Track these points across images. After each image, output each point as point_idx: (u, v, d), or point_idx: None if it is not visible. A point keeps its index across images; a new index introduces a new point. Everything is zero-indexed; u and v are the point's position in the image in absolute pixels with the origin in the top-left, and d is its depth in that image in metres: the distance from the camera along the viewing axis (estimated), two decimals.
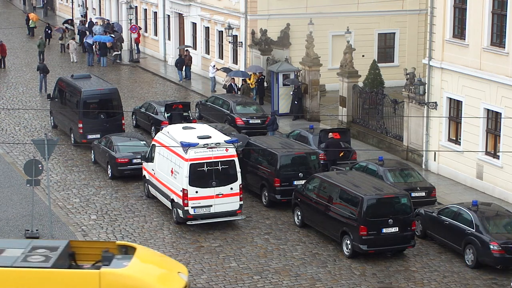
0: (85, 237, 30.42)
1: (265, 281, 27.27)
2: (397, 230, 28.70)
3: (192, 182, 30.91)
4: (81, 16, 77.43)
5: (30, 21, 74.20)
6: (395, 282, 27.36)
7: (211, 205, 31.22)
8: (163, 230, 31.38)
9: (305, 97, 46.71)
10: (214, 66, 53.69)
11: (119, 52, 63.32)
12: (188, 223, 31.26)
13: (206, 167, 31.05)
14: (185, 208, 30.98)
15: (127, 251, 21.90)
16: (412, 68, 41.29)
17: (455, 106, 37.03)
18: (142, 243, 29.97)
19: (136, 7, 67.59)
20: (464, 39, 36.07)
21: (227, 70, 51.77)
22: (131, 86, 55.53)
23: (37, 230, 30.27)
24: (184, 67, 56.63)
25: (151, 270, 21.20)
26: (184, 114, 41.76)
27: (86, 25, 70.25)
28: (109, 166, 37.08)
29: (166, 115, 41.62)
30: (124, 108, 43.56)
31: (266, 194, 33.97)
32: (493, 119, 34.79)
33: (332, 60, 51.90)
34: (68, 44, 64.61)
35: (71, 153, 40.82)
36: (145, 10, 66.62)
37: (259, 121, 43.70)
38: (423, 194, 32.94)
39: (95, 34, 64.53)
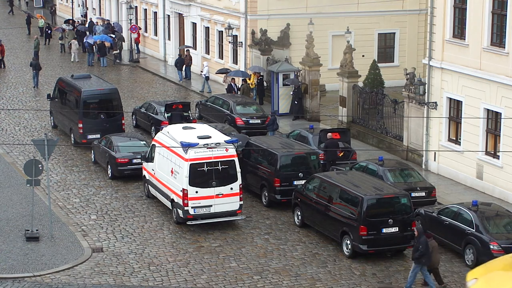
0: (85, 237, 30.44)
1: (265, 281, 27.26)
2: (397, 230, 28.68)
3: (192, 182, 30.89)
4: (81, 16, 77.50)
5: (39, 20, 74.33)
6: (395, 282, 27.37)
7: (211, 205, 31.21)
8: (163, 230, 31.36)
9: (305, 97, 46.71)
10: (206, 65, 53.75)
11: (118, 51, 63.33)
12: (188, 223, 31.25)
13: (206, 167, 31.04)
14: (185, 208, 30.97)
15: None
16: (412, 68, 41.28)
17: (455, 106, 37.02)
18: (142, 243, 30.02)
19: (136, 7, 67.60)
20: (464, 39, 36.06)
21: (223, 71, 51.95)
22: (131, 86, 55.53)
23: (37, 230, 30.26)
24: (184, 67, 56.64)
25: None
26: (184, 114, 41.76)
27: (86, 25, 70.33)
28: (109, 166, 37.07)
29: (166, 115, 41.62)
30: (124, 108, 43.55)
31: (266, 194, 33.96)
32: (493, 119, 34.78)
33: (332, 60, 51.89)
34: (70, 44, 64.74)
35: (71, 153, 40.81)
36: (145, 10, 66.63)
37: (259, 121, 43.69)
38: (423, 194, 32.93)
39: (95, 34, 64.57)
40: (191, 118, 42.51)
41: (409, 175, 33.65)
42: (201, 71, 54.27)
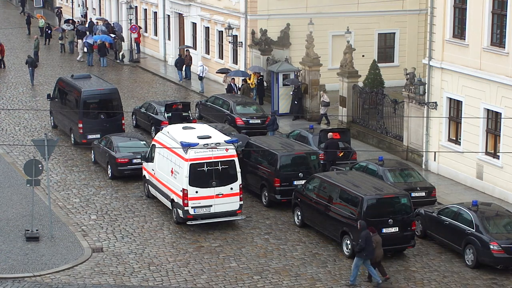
0: (85, 237, 30.43)
1: (265, 281, 27.27)
2: (397, 230, 28.68)
3: (192, 182, 30.89)
4: (81, 16, 77.49)
5: (39, 20, 74.38)
6: (395, 282, 27.36)
7: (211, 205, 31.21)
8: (163, 230, 31.36)
9: (305, 97, 46.71)
10: (200, 65, 53.73)
11: (122, 51, 63.52)
12: (188, 223, 31.25)
13: (206, 167, 31.04)
14: (185, 208, 30.97)
15: None
16: (412, 68, 41.29)
17: (455, 106, 37.02)
18: (142, 243, 30.02)
19: (136, 7, 67.60)
20: (464, 39, 36.06)
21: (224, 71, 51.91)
22: (131, 86, 55.53)
23: (37, 230, 30.26)
24: (184, 67, 56.65)
25: None
26: (184, 114, 41.74)
27: (86, 25, 70.32)
28: (109, 166, 37.07)
29: (166, 115, 41.62)
30: (124, 108, 43.55)
31: (266, 194, 33.96)
32: (493, 119, 34.78)
33: (332, 60, 51.89)
34: (77, 43, 64.92)
35: (71, 153, 40.81)
36: (145, 10, 66.63)
37: (259, 121, 43.69)
38: (423, 194, 32.94)
39: (95, 34, 64.58)
40: (191, 118, 42.51)
41: (409, 175, 33.65)
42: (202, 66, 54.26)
